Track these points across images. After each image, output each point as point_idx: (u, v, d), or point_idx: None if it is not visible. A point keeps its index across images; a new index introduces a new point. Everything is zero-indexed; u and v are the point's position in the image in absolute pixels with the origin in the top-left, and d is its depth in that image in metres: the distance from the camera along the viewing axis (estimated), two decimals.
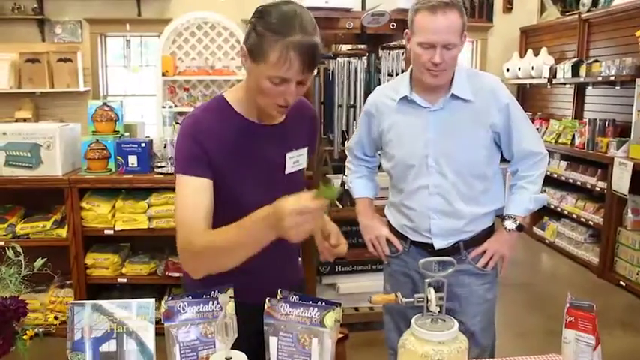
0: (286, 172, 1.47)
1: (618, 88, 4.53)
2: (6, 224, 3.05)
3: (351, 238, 3.29)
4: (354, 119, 2.98)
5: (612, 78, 4.37)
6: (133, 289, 3.30)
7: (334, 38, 3.40)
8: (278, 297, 1.36)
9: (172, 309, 1.27)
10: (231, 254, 1.26)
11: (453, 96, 1.77)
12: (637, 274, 4.06)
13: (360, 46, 3.51)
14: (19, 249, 1.37)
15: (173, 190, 3.02)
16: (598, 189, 4.52)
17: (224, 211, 1.36)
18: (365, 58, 3.13)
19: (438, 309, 1.36)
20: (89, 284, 3.13)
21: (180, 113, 5.04)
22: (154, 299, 1.29)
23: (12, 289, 1.38)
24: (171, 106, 3.08)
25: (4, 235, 3.03)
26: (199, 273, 1.36)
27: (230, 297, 1.28)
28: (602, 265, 4.41)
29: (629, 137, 4.12)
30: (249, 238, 1.22)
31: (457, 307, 1.88)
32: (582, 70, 4.73)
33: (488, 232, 1.92)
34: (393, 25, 2.75)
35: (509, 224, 1.88)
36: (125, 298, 3.29)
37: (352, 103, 2.91)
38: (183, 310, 1.28)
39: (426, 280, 1.37)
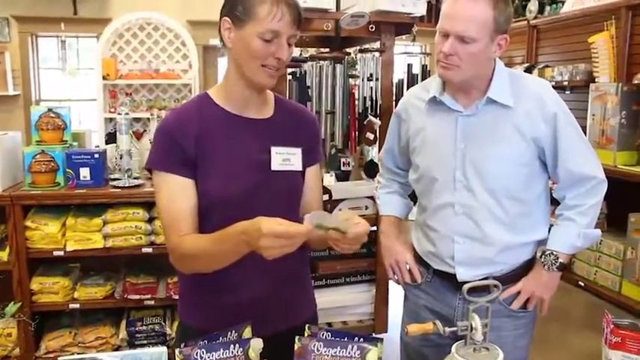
0: (273, 168, 1.35)
1: (569, 93, 4.64)
2: None
3: (322, 250, 3.15)
4: (333, 128, 2.83)
5: (565, 83, 4.47)
6: (85, 315, 2.99)
7: (299, 41, 3.25)
8: (306, 334, 1.19)
9: (189, 358, 1.07)
10: (212, 262, 1.27)
11: (490, 100, 1.50)
12: (595, 274, 4.15)
13: (322, 50, 3.38)
14: None
15: (131, 205, 2.80)
16: (553, 191, 4.60)
17: (209, 209, 1.31)
18: (334, 61, 2.99)
19: (482, 337, 1.24)
20: (35, 312, 2.79)
21: (137, 119, 4.72)
22: (165, 348, 1.08)
23: None
24: (127, 113, 2.79)
25: None
26: (188, 272, 1.37)
27: (258, 341, 1.09)
28: None
29: None
30: (225, 250, 1.22)
31: None
32: (534, 75, 4.82)
33: (526, 268, 1.61)
34: (371, 28, 2.63)
35: (549, 262, 1.55)
36: (76, 324, 3.01)
37: (331, 109, 2.76)
38: (201, 358, 1.08)
39: (470, 307, 1.25)
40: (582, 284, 4.23)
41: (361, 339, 1.15)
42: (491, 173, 1.52)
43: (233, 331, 1.17)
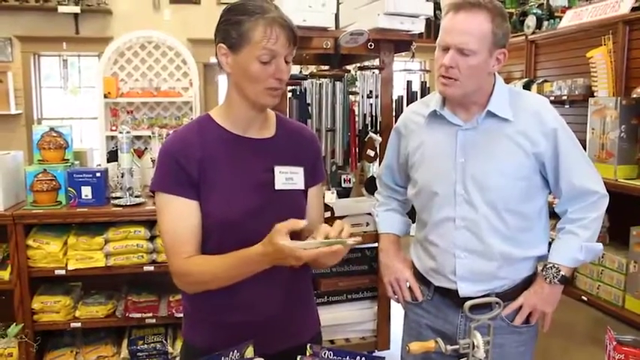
0: (276, 187, 1.36)
1: (568, 107, 4.66)
2: None
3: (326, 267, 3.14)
4: (334, 145, 2.83)
5: (564, 97, 4.50)
6: (86, 334, 2.98)
7: (299, 59, 3.27)
8: (308, 353, 1.19)
9: None
10: (222, 282, 1.29)
11: (490, 114, 1.53)
12: (598, 288, 4.14)
13: (322, 67, 3.41)
14: None
15: (133, 223, 2.80)
16: (554, 206, 4.60)
17: (212, 230, 1.32)
18: (334, 79, 3.01)
19: (484, 355, 1.24)
20: (36, 331, 2.78)
21: (138, 137, 4.75)
22: None
23: None
24: (128, 131, 2.81)
25: None
26: (192, 292, 1.37)
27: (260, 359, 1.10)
28: None
29: None
30: (245, 269, 1.25)
31: None
32: (534, 90, 4.85)
33: (527, 284, 1.61)
34: (371, 45, 2.65)
35: (551, 275, 1.55)
36: (77, 343, 3.00)
37: (331, 127, 2.77)
38: None
39: (472, 325, 1.25)
40: (585, 299, 4.20)
41: (363, 358, 1.15)
42: (491, 186, 1.52)
43: (235, 351, 1.17)
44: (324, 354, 1.17)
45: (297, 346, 1.32)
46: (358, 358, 1.15)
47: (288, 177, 1.39)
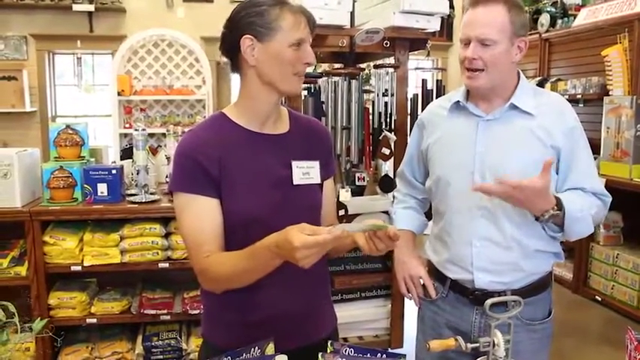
0: (294, 182, 1.36)
1: (582, 105, 4.63)
2: None
3: (338, 265, 3.15)
4: (349, 143, 2.84)
5: (579, 96, 4.46)
6: (101, 330, 3.00)
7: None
8: (329, 350, 1.19)
9: None
10: (244, 279, 1.26)
11: (512, 106, 1.55)
12: (612, 288, 4.11)
13: (336, 65, 3.41)
14: None
15: (148, 220, 2.81)
16: None
17: (234, 228, 1.31)
18: (349, 77, 3.01)
19: (505, 354, 1.24)
20: (53, 327, 2.81)
21: (151, 135, 4.78)
22: None
23: None
24: (144, 129, 2.83)
25: None
26: (219, 291, 1.34)
27: (283, 357, 1.10)
28: (576, 281, 4.44)
29: (599, 154, 4.19)
30: (258, 266, 1.21)
31: None
32: (547, 88, 4.82)
33: (542, 283, 1.61)
34: (386, 44, 2.65)
35: (547, 218, 1.43)
36: (93, 339, 3.02)
37: (346, 124, 2.77)
38: None
39: (492, 323, 1.25)
40: (599, 299, 4.18)
41: (384, 355, 1.15)
42: (509, 176, 1.46)
43: (256, 347, 1.17)
44: (345, 351, 1.18)
45: (314, 342, 1.33)
46: (379, 355, 1.15)
47: (305, 172, 1.39)
